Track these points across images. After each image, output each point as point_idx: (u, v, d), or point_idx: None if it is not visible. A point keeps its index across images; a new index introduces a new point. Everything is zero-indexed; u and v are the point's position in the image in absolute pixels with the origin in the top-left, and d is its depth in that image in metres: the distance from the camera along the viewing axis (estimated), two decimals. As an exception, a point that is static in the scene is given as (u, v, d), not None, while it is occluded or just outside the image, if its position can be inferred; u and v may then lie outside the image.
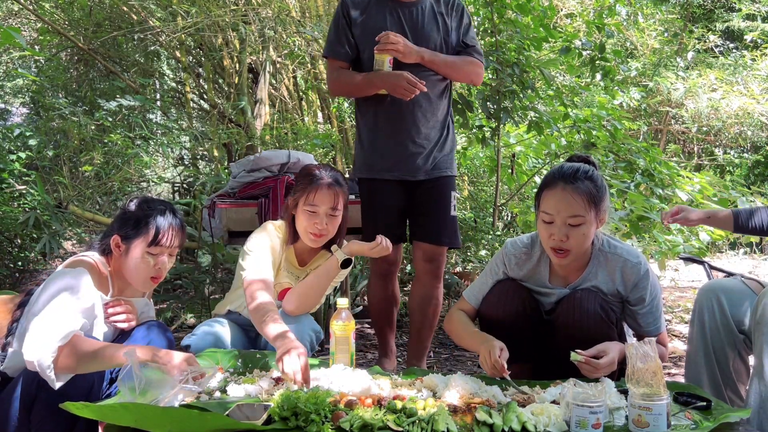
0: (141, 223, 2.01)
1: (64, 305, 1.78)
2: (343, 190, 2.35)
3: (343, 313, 2.04)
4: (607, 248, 2.07)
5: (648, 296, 2.04)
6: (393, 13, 2.64)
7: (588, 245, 2.02)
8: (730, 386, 2.05)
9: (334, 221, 2.33)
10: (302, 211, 2.31)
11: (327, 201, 2.30)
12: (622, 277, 2.04)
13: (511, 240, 2.25)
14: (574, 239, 1.95)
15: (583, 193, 1.94)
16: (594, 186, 1.97)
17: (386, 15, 2.64)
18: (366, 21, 2.64)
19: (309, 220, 2.30)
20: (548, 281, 2.13)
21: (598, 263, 2.07)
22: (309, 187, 2.30)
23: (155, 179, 5.13)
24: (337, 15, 2.72)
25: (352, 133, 4.91)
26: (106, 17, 4.85)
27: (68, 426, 1.76)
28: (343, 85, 2.71)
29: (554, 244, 1.97)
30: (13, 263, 4.40)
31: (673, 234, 3.74)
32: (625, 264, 2.04)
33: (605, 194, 2.01)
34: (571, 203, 1.94)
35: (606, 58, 3.91)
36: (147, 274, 2.03)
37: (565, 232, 1.95)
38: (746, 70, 7.39)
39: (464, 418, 1.59)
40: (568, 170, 2.00)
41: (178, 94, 5.61)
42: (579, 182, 1.96)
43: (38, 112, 5.67)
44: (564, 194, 1.95)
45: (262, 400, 1.72)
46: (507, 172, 4.44)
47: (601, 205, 1.98)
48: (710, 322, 2.07)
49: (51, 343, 1.69)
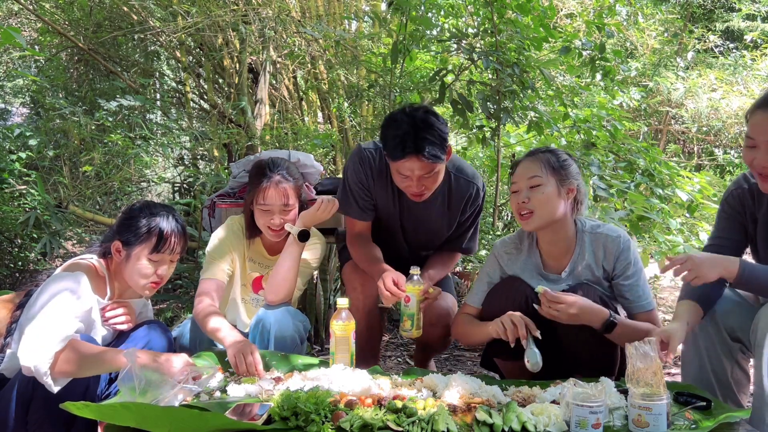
0: (143, 230, 2.02)
1: (59, 310, 1.78)
2: (293, 185, 2.39)
3: (343, 313, 2.04)
4: (589, 229, 2.19)
5: (632, 267, 2.13)
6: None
7: (555, 212, 2.11)
8: (730, 397, 2.02)
9: (289, 216, 2.39)
10: (258, 209, 2.37)
11: (278, 199, 2.35)
12: (604, 252, 2.14)
13: (498, 240, 2.37)
14: (535, 200, 2.09)
15: (540, 160, 2.14)
16: (553, 156, 2.15)
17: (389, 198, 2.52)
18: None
19: (264, 217, 2.37)
20: (543, 269, 2.21)
21: (583, 244, 2.17)
22: (259, 186, 2.35)
23: (155, 179, 5.12)
24: (358, 177, 2.51)
25: (353, 133, 4.91)
26: (106, 17, 4.85)
27: (66, 425, 1.77)
28: (360, 255, 2.49)
29: (518, 207, 2.12)
30: (13, 263, 4.40)
31: (673, 234, 3.73)
32: (606, 239, 2.15)
33: (568, 165, 2.15)
34: (529, 167, 2.14)
35: (606, 58, 3.91)
36: (148, 280, 2.04)
37: (527, 194, 2.10)
38: (746, 70, 7.38)
39: (464, 418, 1.59)
40: (533, 149, 2.24)
41: (178, 94, 5.60)
42: (539, 154, 2.17)
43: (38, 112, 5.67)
44: (525, 162, 2.17)
45: (262, 400, 1.72)
46: (507, 172, 4.44)
47: (563, 172, 2.12)
48: (703, 336, 2.04)
49: (47, 349, 1.69)
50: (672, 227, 3.67)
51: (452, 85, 3.83)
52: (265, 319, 2.28)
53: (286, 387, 1.78)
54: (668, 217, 3.70)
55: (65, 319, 1.78)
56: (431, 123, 2.25)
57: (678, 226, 3.77)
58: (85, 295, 1.91)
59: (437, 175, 2.33)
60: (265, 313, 2.30)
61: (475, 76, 4.30)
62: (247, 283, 2.52)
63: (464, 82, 4.12)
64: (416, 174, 2.27)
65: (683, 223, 4.06)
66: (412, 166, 2.25)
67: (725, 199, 2.11)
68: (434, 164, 2.26)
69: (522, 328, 1.96)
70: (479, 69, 3.98)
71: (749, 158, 1.89)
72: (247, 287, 2.52)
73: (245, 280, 2.51)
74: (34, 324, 1.74)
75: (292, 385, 1.81)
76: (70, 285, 1.86)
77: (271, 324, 2.25)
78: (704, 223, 3.88)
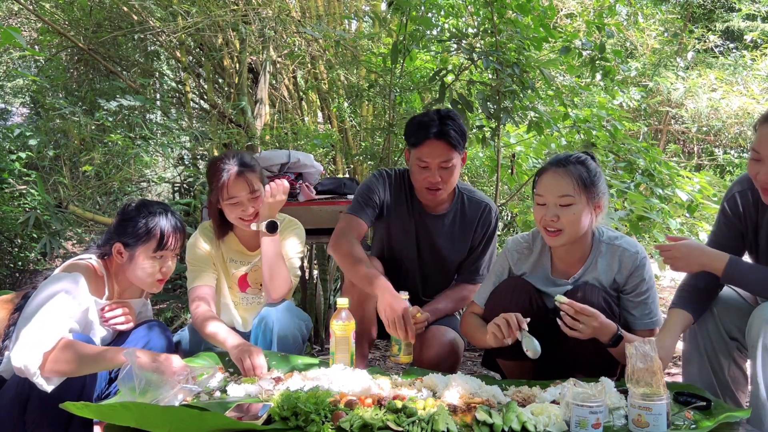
0: (142, 231, 2.03)
1: (53, 310, 1.79)
2: (253, 170, 2.38)
3: (343, 313, 2.04)
4: (606, 240, 2.12)
5: (645, 284, 2.08)
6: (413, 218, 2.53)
7: (582, 229, 2.05)
8: (729, 395, 2.03)
9: (258, 201, 2.38)
10: (226, 205, 2.37)
11: (243, 188, 2.35)
12: (620, 265, 2.08)
13: (512, 237, 2.30)
14: (565, 218, 2.01)
15: (572, 175, 2.02)
16: (585, 170, 2.04)
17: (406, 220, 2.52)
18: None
19: (234, 211, 2.36)
20: (551, 273, 2.16)
21: (598, 253, 2.11)
22: (221, 182, 2.34)
23: (155, 179, 5.12)
24: (372, 184, 2.52)
25: (353, 133, 4.91)
26: (106, 17, 4.85)
27: (63, 425, 1.77)
28: (344, 252, 2.35)
29: (546, 223, 2.04)
30: (13, 263, 4.40)
31: (672, 234, 3.73)
32: (623, 253, 2.09)
33: (599, 180, 2.06)
34: (560, 183, 2.02)
35: (606, 58, 3.90)
36: (155, 278, 2.07)
37: (556, 212, 2.01)
38: (746, 70, 7.37)
39: (464, 418, 1.59)
40: (561, 156, 2.09)
41: (178, 94, 5.60)
42: (570, 165, 2.04)
43: (38, 112, 5.66)
44: (554, 176, 2.04)
45: (262, 400, 1.72)
46: (507, 172, 4.44)
47: (594, 189, 2.04)
48: (703, 335, 2.05)
49: (37, 349, 1.70)
50: (672, 227, 3.67)
51: (452, 85, 3.83)
52: (268, 317, 2.28)
53: (286, 387, 1.78)
54: (668, 217, 3.70)
55: (57, 320, 1.78)
56: (454, 117, 2.41)
57: (678, 226, 3.77)
58: (82, 295, 1.91)
59: (454, 170, 2.39)
60: (267, 312, 2.30)
61: (475, 76, 4.30)
62: (233, 284, 2.51)
63: (464, 82, 4.12)
64: (436, 161, 2.34)
65: (683, 223, 4.06)
66: (433, 151, 2.33)
67: (726, 201, 2.09)
68: (453, 151, 2.35)
69: (513, 323, 1.93)
70: (479, 69, 3.97)
71: (754, 171, 1.88)
72: (234, 288, 2.51)
73: (230, 282, 2.51)
74: (28, 325, 1.75)
75: (292, 385, 1.81)
76: (65, 286, 1.87)
77: (273, 323, 2.26)
78: (704, 223, 3.88)
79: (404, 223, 2.53)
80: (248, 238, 2.48)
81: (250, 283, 2.50)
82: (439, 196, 2.42)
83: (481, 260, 2.57)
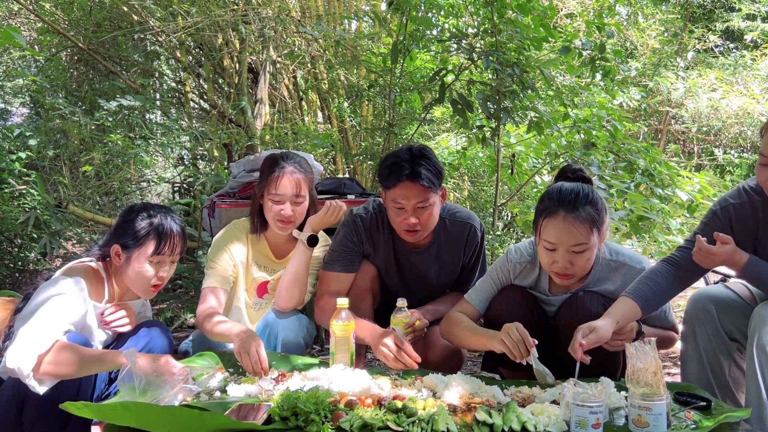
0: (141, 233, 2.00)
1: (49, 313, 1.78)
2: (306, 177, 2.38)
3: (343, 313, 2.04)
4: (608, 256, 2.08)
5: None
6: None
7: (591, 264, 2.02)
8: (729, 396, 2.03)
9: (300, 208, 2.37)
10: (268, 200, 2.35)
11: (290, 189, 2.33)
12: (623, 282, 2.04)
13: (514, 247, 2.23)
14: (578, 264, 1.96)
15: (585, 221, 1.91)
16: (595, 210, 1.94)
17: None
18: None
19: (275, 208, 2.34)
20: (548, 290, 2.14)
21: (600, 271, 2.07)
22: (272, 176, 2.33)
23: (155, 179, 5.13)
24: (343, 239, 2.43)
25: (353, 133, 4.92)
26: (106, 17, 4.85)
27: (60, 424, 1.77)
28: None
29: (559, 270, 1.96)
30: (13, 263, 4.39)
31: (673, 234, 3.74)
32: (629, 270, 2.05)
33: (606, 214, 1.99)
34: (574, 233, 1.92)
35: (606, 58, 3.91)
36: (149, 283, 2.03)
37: (569, 258, 1.94)
38: (746, 70, 7.38)
39: (464, 418, 1.59)
40: (568, 196, 1.95)
41: (178, 94, 5.61)
42: (580, 209, 1.92)
43: (38, 112, 5.67)
44: (566, 224, 1.92)
45: (262, 400, 1.72)
46: (507, 172, 4.44)
47: (603, 226, 1.97)
48: (701, 335, 2.04)
49: (30, 351, 1.69)
50: (672, 227, 3.68)
51: (452, 85, 3.83)
52: (274, 324, 2.27)
53: (286, 387, 1.78)
54: (668, 217, 3.70)
55: (53, 322, 1.77)
56: (428, 155, 2.26)
57: (678, 226, 3.77)
58: (80, 298, 1.90)
59: (432, 209, 2.25)
60: (274, 320, 2.29)
61: (475, 76, 4.30)
62: (251, 287, 2.48)
63: (464, 82, 4.12)
64: (411, 203, 2.21)
65: (683, 223, 4.06)
66: (408, 192, 2.20)
67: (719, 210, 2.01)
68: (429, 191, 2.20)
69: (525, 343, 1.86)
70: (479, 69, 3.98)
71: (762, 177, 1.85)
72: (251, 291, 2.48)
73: (249, 285, 2.47)
74: (24, 328, 1.75)
75: (292, 385, 1.81)
76: (63, 289, 1.86)
77: (279, 330, 2.25)
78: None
79: (387, 264, 2.44)
80: (278, 245, 2.46)
81: (269, 290, 2.48)
82: (420, 236, 2.32)
83: (474, 273, 2.50)
